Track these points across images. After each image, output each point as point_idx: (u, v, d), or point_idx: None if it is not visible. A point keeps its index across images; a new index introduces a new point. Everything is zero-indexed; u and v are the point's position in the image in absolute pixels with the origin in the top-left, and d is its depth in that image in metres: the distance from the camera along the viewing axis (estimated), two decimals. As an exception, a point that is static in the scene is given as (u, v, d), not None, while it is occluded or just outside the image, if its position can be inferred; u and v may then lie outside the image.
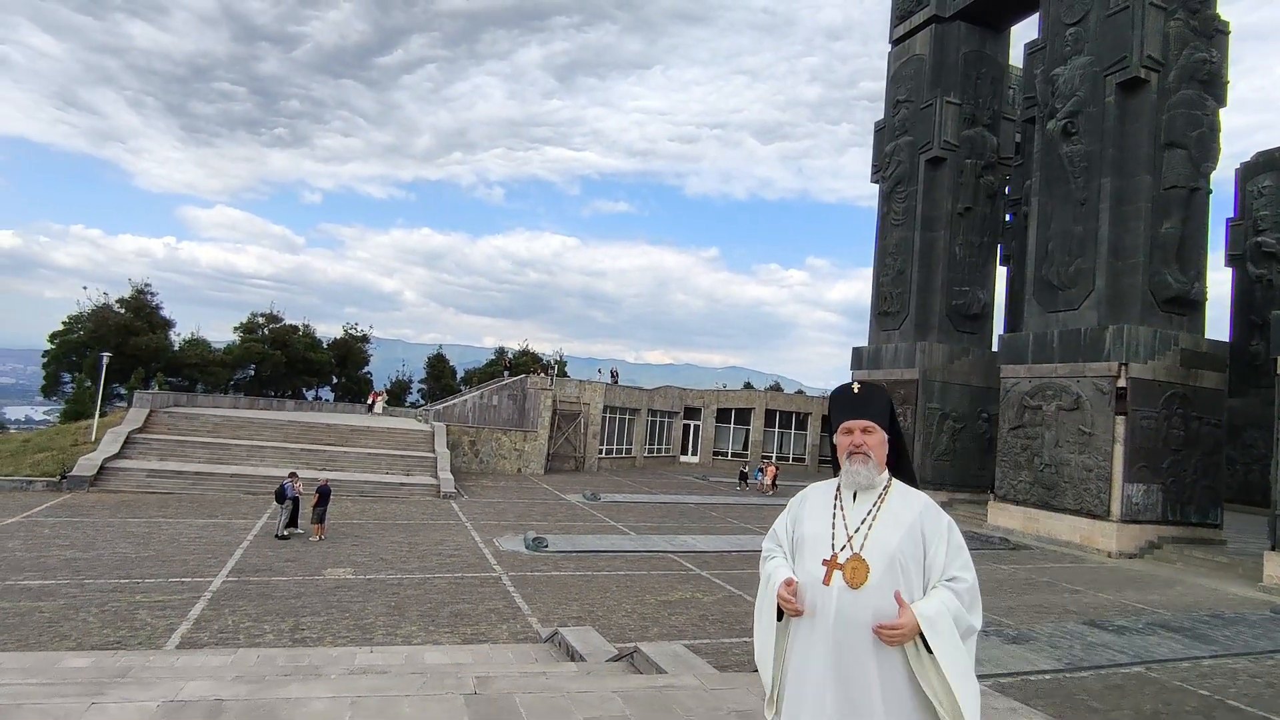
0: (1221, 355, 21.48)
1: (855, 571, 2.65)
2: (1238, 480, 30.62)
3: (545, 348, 75.01)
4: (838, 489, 2.92)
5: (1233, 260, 35.01)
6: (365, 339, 54.67)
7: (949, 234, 29.11)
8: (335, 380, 52.90)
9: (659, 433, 42.33)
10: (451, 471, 26.98)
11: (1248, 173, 34.84)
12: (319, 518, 16.31)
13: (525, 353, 58.01)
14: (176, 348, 45.10)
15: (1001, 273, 32.50)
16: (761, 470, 34.68)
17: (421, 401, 53.02)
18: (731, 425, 44.32)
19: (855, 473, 2.81)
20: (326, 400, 49.16)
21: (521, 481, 30.10)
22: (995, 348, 28.20)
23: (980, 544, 20.22)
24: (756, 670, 3.02)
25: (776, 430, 44.80)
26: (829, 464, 3.06)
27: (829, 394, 3.14)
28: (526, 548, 16.10)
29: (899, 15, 31.82)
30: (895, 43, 31.97)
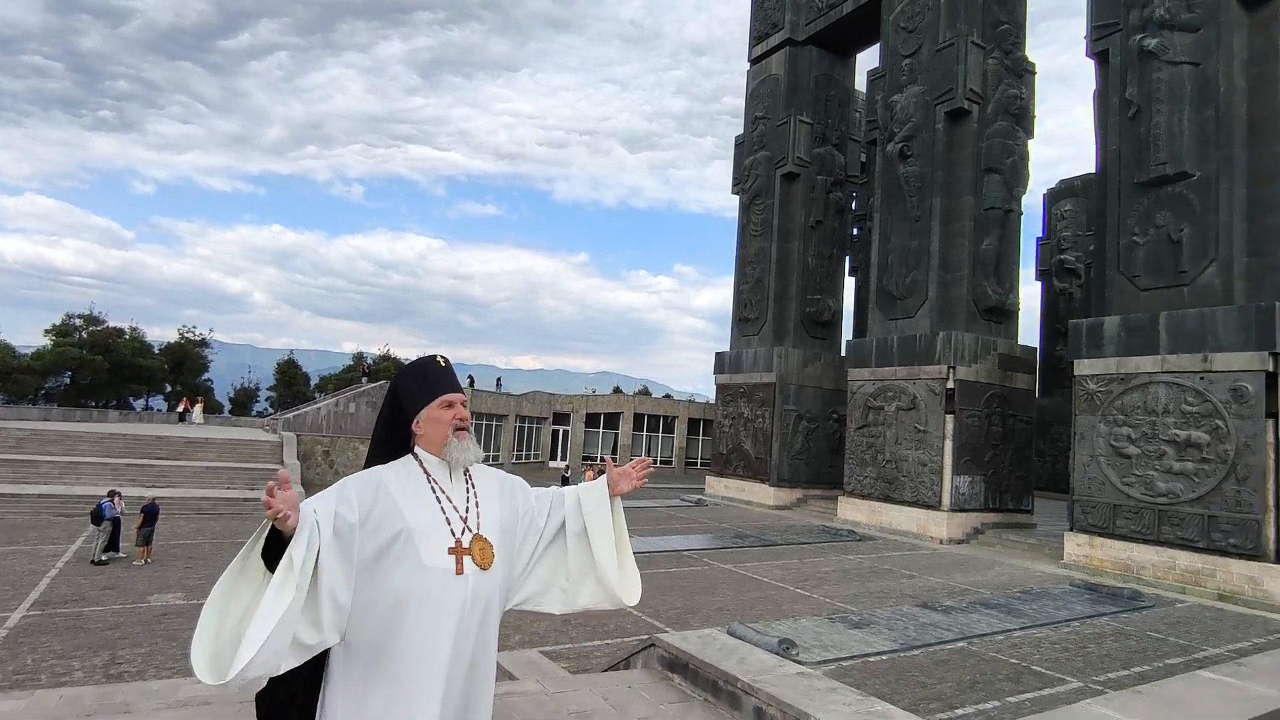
0: (1031, 359, 24.14)
1: (484, 552, 2.59)
2: (1047, 470, 34.51)
3: (410, 353, 72.17)
4: (425, 471, 2.66)
5: (1042, 275, 39.52)
6: (204, 343, 50.42)
7: (803, 245, 30.84)
8: (169, 389, 48.36)
9: (527, 438, 41.87)
10: (303, 484, 25.29)
11: (1053, 198, 39.49)
12: (144, 539, 14.81)
13: (387, 358, 55.62)
14: (-30, 353, 39.54)
15: (850, 283, 34.84)
16: (585, 475, 35.19)
17: (270, 410, 49.52)
18: (601, 430, 44.56)
19: (466, 449, 2.69)
20: (159, 410, 44.81)
21: (381, 493, 28.73)
22: (844, 353, 30.11)
23: (830, 536, 21.52)
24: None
25: (645, 433, 45.50)
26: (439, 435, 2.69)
27: (413, 365, 2.81)
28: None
29: (757, 36, 33.38)
30: (754, 62, 33.49)
